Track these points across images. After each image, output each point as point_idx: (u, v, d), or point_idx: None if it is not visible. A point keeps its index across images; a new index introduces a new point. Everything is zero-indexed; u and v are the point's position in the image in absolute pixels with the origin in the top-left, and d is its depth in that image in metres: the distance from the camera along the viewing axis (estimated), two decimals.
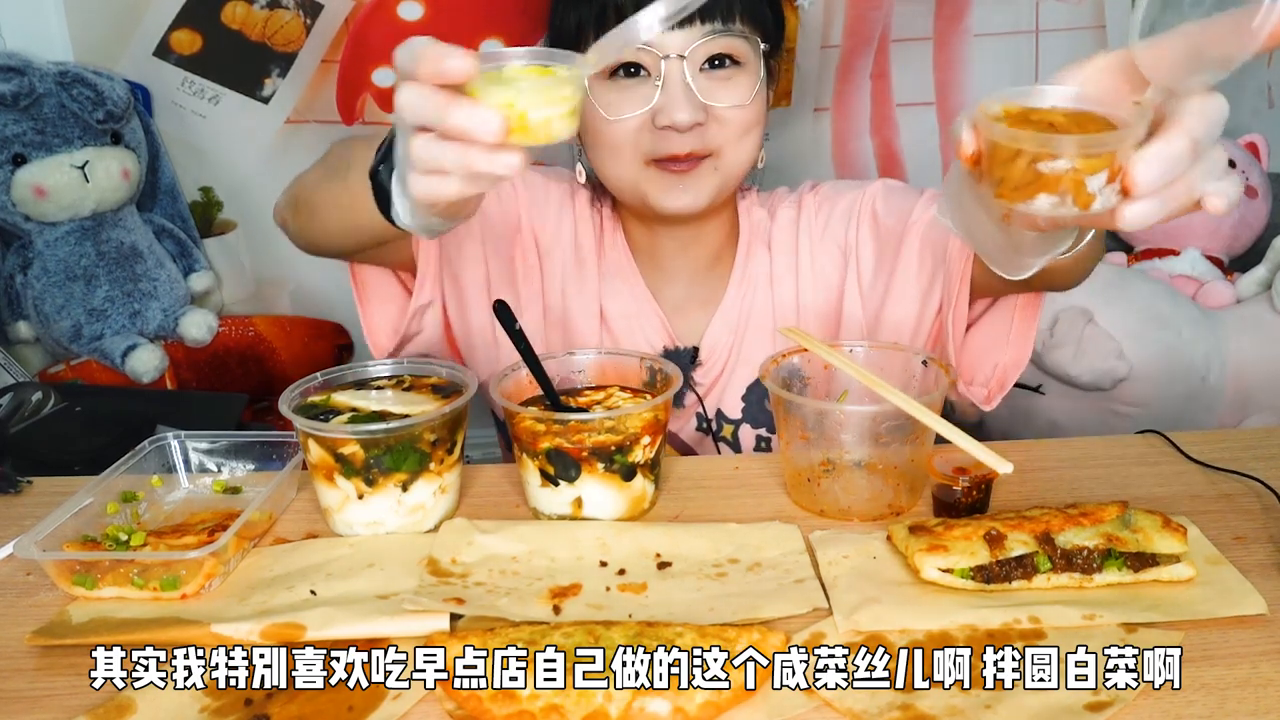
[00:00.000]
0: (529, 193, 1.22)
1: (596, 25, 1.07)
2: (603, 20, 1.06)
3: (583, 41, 1.09)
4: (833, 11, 1.91)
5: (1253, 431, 1.17)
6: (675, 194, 1.10)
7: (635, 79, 1.08)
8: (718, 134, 1.09)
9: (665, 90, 1.06)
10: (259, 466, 0.98)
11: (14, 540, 0.83)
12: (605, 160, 1.12)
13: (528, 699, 0.64)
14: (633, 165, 1.10)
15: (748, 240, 1.24)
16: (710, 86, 1.08)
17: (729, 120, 1.09)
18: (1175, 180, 0.57)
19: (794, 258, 1.21)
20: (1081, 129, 0.57)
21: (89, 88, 1.75)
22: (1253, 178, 1.87)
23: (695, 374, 1.21)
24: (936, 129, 2.04)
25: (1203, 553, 0.82)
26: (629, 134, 1.09)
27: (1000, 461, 0.83)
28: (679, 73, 1.06)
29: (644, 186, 1.10)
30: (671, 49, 1.06)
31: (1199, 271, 1.85)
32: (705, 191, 1.10)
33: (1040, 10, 1.96)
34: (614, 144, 1.10)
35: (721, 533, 0.87)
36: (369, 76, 1.90)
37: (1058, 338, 1.68)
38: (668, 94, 1.06)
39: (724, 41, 1.07)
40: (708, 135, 1.08)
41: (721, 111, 1.08)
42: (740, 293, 1.22)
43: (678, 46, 1.06)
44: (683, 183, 1.09)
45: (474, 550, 0.84)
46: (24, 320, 1.88)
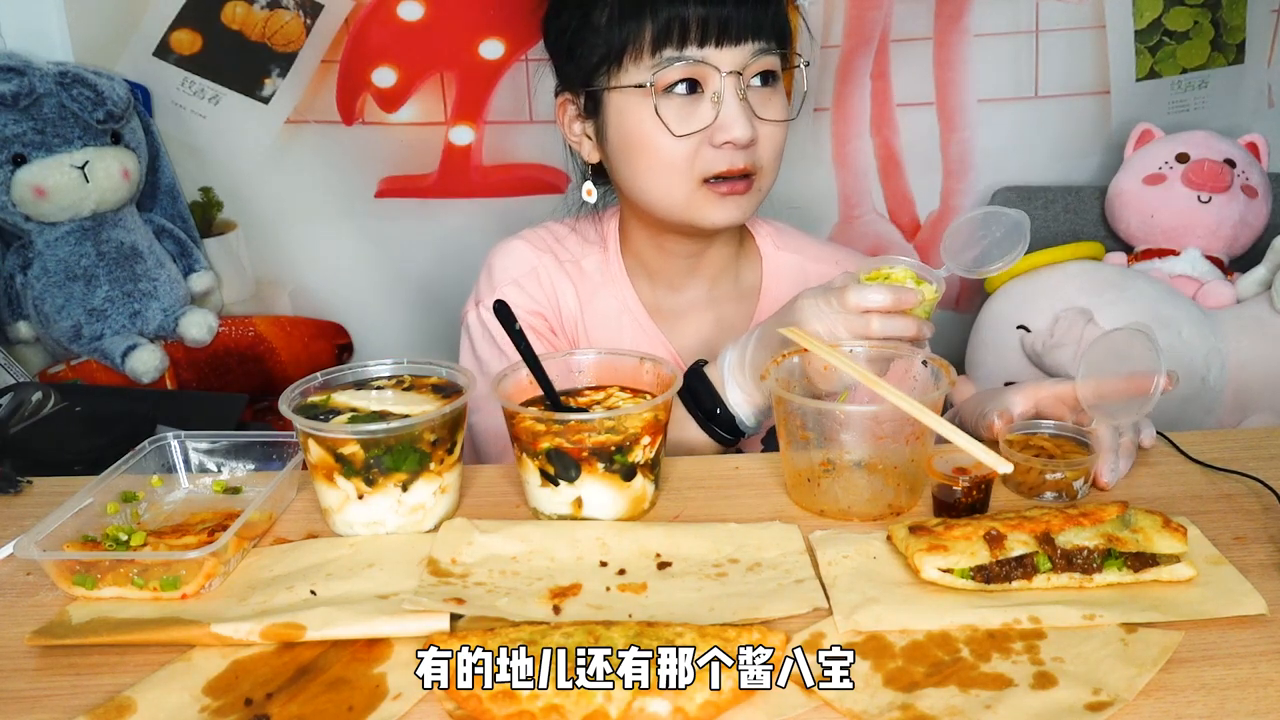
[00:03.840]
0: (526, 295, 1.24)
1: (656, 37, 1.08)
2: (668, 33, 1.07)
3: (628, 55, 1.09)
4: (833, 11, 1.91)
5: (1253, 431, 1.17)
6: (726, 210, 1.12)
7: (692, 99, 1.09)
8: (761, 153, 1.12)
9: (724, 107, 1.08)
10: (259, 466, 0.98)
11: (14, 540, 0.83)
12: (657, 179, 1.12)
13: (528, 699, 0.64)
14: (686, 184, 1.11)
15: (776, 285, 1.27)
16: (757, 103, 1.10)
17: (769, 139, 1.12)
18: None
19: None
20: (1061, 449, 0.95)
21: (89, 88, 1.75)
22: (1253, 178, 1.87)
23: None
24: (936, 129, 2.04)
25: (1203, 553, 0.82)
26: (687, 153, 1.10)
27: (1000, 461, 0.83)
28: (735, 89, 1.08)
29: (695, 205, 1.12)
30: (727, 66, 1.08)
31: (1199, 271, 1.84)
32: (748, 208, 1.14)
33: (1040, 10, 1.95)
34: (671, 163, 1.11)
35: (721, 533, 0.87)
36: (369, 76, 1.90)
37: (1058, 338, 1.68)
38: (726, 110, 1.08)
39: (768, 60, 1.10)
40: (755, 155, 1.11)
41: (765, 128, 1.11)
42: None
43: (734, 64, 1.08)
44: (733, 201, 1.12)
45: (474, 550, 0.84)
46: (24, 320, 1.87)
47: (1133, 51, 2.00)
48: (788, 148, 1.16)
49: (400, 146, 1.96)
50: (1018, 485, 0.94)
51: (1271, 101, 2.11)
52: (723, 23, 1.07)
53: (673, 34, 1.07)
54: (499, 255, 1.28)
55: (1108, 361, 0.96)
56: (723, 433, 1.09)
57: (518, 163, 1.99)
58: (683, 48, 1.07)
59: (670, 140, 1.09)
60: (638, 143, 1.12)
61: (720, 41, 1.07)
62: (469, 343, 1.27)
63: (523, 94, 1.93)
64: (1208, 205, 1.84)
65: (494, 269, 1.27)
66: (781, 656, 0.69)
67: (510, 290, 1.23)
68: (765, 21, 1.09)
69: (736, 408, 1.08)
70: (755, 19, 1.08)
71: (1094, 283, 1.75)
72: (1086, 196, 2.02)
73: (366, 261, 2.06)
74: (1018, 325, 1.77)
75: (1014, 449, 0.94)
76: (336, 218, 2.02)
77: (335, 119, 1.93)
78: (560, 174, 1.94)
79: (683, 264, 1.25)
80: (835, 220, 2.10)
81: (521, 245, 1.27)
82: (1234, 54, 2.06)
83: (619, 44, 1.10)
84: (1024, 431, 0.98)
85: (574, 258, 1.27)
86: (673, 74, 1.08)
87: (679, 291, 1.27)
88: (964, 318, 2.02)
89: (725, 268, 1.27)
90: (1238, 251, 1.90)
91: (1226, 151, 1.88)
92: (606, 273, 1.27)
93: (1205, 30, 2.02)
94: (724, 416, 1.08)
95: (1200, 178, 1.85)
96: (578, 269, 1.27)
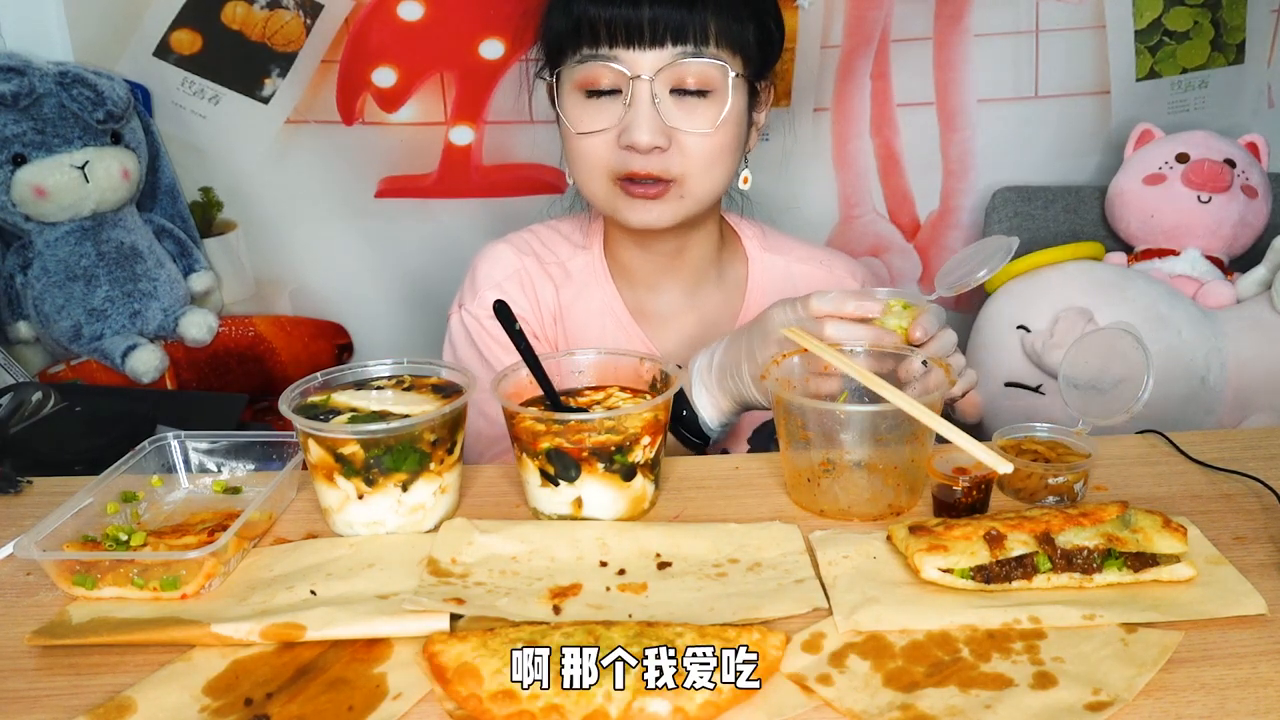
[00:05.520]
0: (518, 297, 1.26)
1: (571, 34, 1.09)
2: (579, 31, 1.08)
3: (565, 49, 1.11)
4: (833, 11, 1.91)
5: (1253, 431, 1.17)
6: (641, 212, 1.13)
7: (608, 97, 1.10)
8: (681, 161, 1.10)
9: (631, 109, 1.08)
10: (259, 466, 0.98)
11: (14, 540, 0.83)
12: (578, 173, 1.15)
13: (528, 699, 0.64)
14: (603, 181, 1.13)
15: (761, 287, 1.27)
16: (677, 111, 1.09)
17: (693, 148, 1.10)
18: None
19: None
20: (1055, 452, 0.95)
21: (89, 88, 1.75)
22: (1253, 178, 1.87)
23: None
24: (936, 129, 2.04)
25: (1203, 553, 0.82)
26: (599, 149, 1.11)
27: (1000, 461, 0.83)
28: (646, 94, 1.07)
29: (614, 202, 1.14)
30: (640, 69, 1.07)
31: (1199, 271, 1.84)
32: (670, 213, 1.14)
33: (1040, 10, 1.96)
34: (585, 158, 1.13)
35: (721, 533, 0.87)
36: (369, 76, 1.90)
37: (1058, 338, 1.68)
38: (633, 113, 1.08)
39: (694, 66, 1.08)
40: (670, 161, 1.10)
41: (685, 138, 1.09)
42: None
43: (647, 68, 1.07)
44: (647, 205, 1.12)
45: (474, 550, 0.84)
46: (24, 320, 1.87)
47: (1133, 51, 2.00)
48: (789, 147, 1.16)
49: (400, 146, 1.96)
50: (1017, 491, 0.94)
51: (1271, 101, 2.11)
52: (635, 24, 1.06)
53: (583, 32, 1.08)
54: (483, 259, 1.28)
55: (1094, 359, 0.97)
56: (689, 435, 1.09)
57: (517, 163, 1.99)
58: (595, 47, 1.08)
59: (575, 137, 1.12)
60: (562, 133, 1.15)
61: (631, 43, 1.07)
62: (450, 345, 1.27)
63: (523, 94, 1.92)
64: (1208, 205, 1.84)
65: (477, 273, 1.27)
66: (781, 656, 0.69)
67: (492, 294, 1.23)
68: (692, 25, 1.06)
69: (701, 410, 1.08)
70: (676, 22, 1.06)
71: (1094, 283, 1.75)
72: (1086, 196, 2.03)
73: (366, 261, 2.06)
74: (1018, 325, 1.77)
75: (1008, 454, 0.93)
76: (336, 218, 2.02)
77: (335, 119, 1.93)
78: (560, 174, 1.93)
79: (660, 263, 1.25)
80: (835, 220, 2.10)
81: (505, 249, 1.28)
82: (1234, 54, 2.06)
83: (556, 38, 1.12)
84: (1016, 436, 0.98)
85: (559, 260, 1.27)
86: (581, 72, 1.10)
87: (659, 292, 1.27)
88: (964, 318, 2.02)
89: (705, 269, 1.27)
90: (1238, 251, 1.90)
91: (1226, 151, 1.88)
92: (590, 274, 1.27)
93: (1205, 30, 2.02)
94: (690, 419, 1.09)
95: (1200, 178, 1.85)
96: (562, 271, 1.27)
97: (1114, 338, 0.96)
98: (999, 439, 0.96)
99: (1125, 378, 0.95)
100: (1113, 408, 0.95)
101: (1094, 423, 0.95)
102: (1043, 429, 0.98)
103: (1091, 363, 0.97)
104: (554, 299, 1.26)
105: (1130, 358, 0.94)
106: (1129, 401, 0.93)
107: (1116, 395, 0.95)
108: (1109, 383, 0.96)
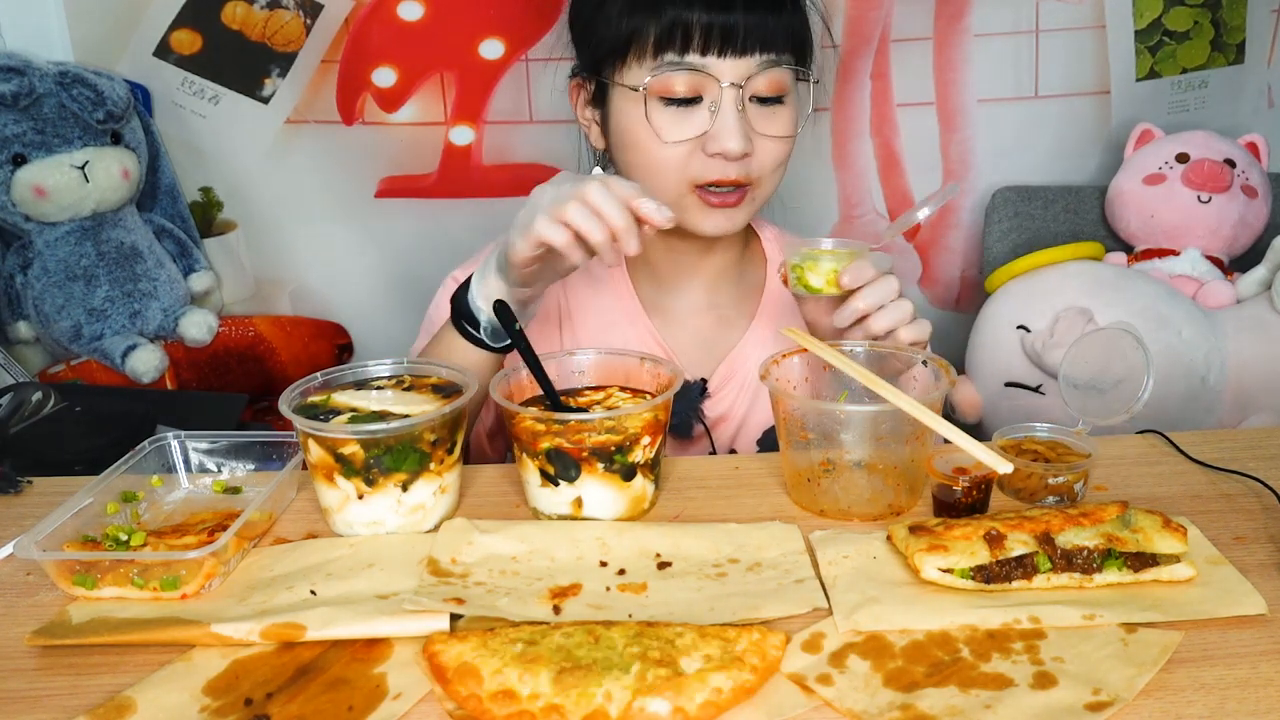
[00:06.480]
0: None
1: (658, 39, 1.07)
2: (671, 36, 1.06)
3: (633, 52, 1.09)
4: (833, 11, 1.91)
5: (1253, 431, 1.17)
6: (718, 219, 1.12)
7: (690, 106, 1.08)
8: (758, 166, 1.11)
9: (720, 117, 1.07)
10: (259, 466, 0.98)
11: (14, 540, 0.83)
12: (650, 180, 1.11)
13: (528, 699, 0.64)
14: (676, 189, 1.11)
15: (778, 281, 1.26)
16: (758, 117, 1.09)
17: (769, 152, 1.11)
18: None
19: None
20: (1055, 452, 0.95)
21: (89, 88, 1.75)
22: (1253, 178, 1.86)
23: (704, 405, 1.21)
24: (936, 129, 2.04)
25: (1203, 553, 0.82)
26: (681, 158, 1.09)
27: (1000, 461, 0.83)
28: (734, 101, 1.07)
29: (685, 210, 1.12)
30: (728, 77, 1.06)
31: (1199, 271, 1.84)
32: (742, 218, 1.14)
33: (1040, 10, 1.95)
34: (661, 167, 1.10)
35: (721, 533, 0.87)
36: (369, 76, 1.90)
37: (1057, 338, 1.68)
38: (722, 121, 1.07)
39: (775, 74, 1.08)
40: (750, 167, 1.10)
41: (764, 142, 1.10)
42: (759, 337, 1.23)
43: (735, 75, 1.06)
44: (726, 213, 1.12)
45: (474, 550, 0.84)
46: (24, 320, 1.87)
47: (1133, 51, 2.00)
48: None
49: (400, 146, 1.96)
50: (1018, 491, 0.94)
51: (1271, 101, 2.11)
52: (728, 31, 1.05)
53: (675, 38, 1.06)
54: (495, 244, 1.27)
55: (1094, 359, 0.97)
56: (469, 328, 1.06)
57: (518, 163, 1.99)
58: (684, 53, 1.06)
59: (659, 145, 1.09)
60: (631, 141, 1.12)
61: (724, 51, 1.06)
62: (434, 301, 1.25)
63: (523, 94, 1.93)
64: (1208, 205, 1.84)
65: (484, 251, 1.25)
66: (781, 656, 0.69)
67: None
68: (777, 32, 1.07)
69: (474, 298, 1.05)
70: (765, 30, 1.06)
71: (1094, 283, 1.75)
72: (1086, 196, 2.02)
73: (366, 261, 2.06)
74: (1018, 325, 1.77)
75: (1008, 454, 0.94)
76: (336, 218, 2.02)
77: (335, 119, 1.93)
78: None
79: (686, 261, 1.24)
80: (835, 220, 2.10)
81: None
82: (1234, 54, 2.06)
83: (625, 40, 1.09)
84: (1016, 436, 0.98)
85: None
86: (670, 80, 1.07)
87: (679, 291, 1.27)
88: (964, 318, 2.02)
89: (727, 270, 1.27)
90: (1238, 251, 1.90)
91: (1226, 151, 1.88)
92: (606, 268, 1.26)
93: (1205, 30, 2.02)
94: (468, 311, 1.06)
95: (1200, 178, 1.85)
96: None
97: (1114, 338, 0.96)
98: (999, 439, 0.96)
99: (1125, 378, 0.95)
100: (1113, 408, 0.95)
101: (1094, 423, 0.95)
102: (1043, 429, 0.98)
103: (1091, 363, 0.97)
104: (566, 289, 1.25)
105: (1130, 358, 0.94)
106: (1129, 401, 0.93)
107: (1116, 395, 0.95)
108: (1109, 383, 0.96)
